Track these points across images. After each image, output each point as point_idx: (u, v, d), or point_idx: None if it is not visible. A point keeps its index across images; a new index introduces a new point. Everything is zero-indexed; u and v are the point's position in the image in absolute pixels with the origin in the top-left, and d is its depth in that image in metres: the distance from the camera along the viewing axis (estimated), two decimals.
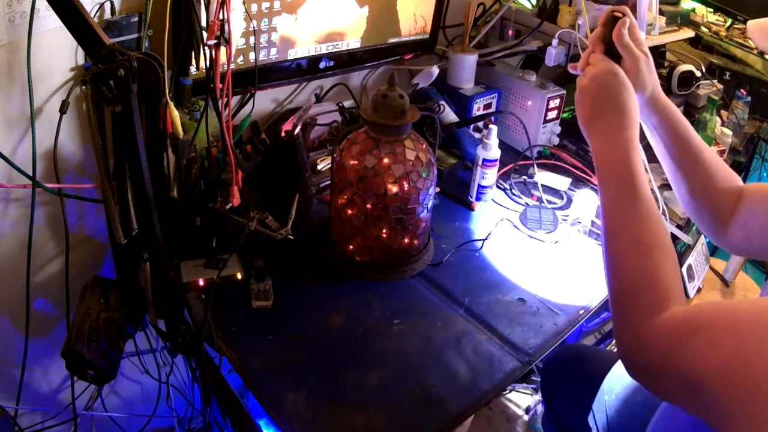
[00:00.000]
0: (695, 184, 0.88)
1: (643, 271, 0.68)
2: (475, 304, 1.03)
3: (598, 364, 1.17)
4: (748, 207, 0.85)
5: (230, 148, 0.95)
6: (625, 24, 0.81)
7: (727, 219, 0.86)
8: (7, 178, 0.97)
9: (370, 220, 1.02)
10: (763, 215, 0.83)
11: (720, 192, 0.87)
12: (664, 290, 0.66)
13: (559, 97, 1.43)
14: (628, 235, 0.71)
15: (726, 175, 0.88)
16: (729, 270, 1.69)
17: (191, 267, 1.03)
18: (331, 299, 1.02)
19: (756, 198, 0.85)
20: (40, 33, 0.89)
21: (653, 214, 0.72)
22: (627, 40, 0.82)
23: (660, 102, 0.86)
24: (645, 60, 0.83)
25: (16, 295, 1.06)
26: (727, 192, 0.87)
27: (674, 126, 0.86)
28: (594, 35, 0.85)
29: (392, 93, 0.97)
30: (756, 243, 0.84)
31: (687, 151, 0.86)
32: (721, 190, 0.87)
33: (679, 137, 0.86)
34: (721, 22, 2.01)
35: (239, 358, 0.90)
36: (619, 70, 0.80)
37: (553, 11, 1.48)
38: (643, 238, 0.70)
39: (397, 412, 0.83)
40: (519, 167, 1.42)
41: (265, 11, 1.06)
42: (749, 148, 1.89)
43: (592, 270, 1.14)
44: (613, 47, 0.83)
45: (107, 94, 0.74)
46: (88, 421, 1.33)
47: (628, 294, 0.68)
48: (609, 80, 0.79)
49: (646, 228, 0.70)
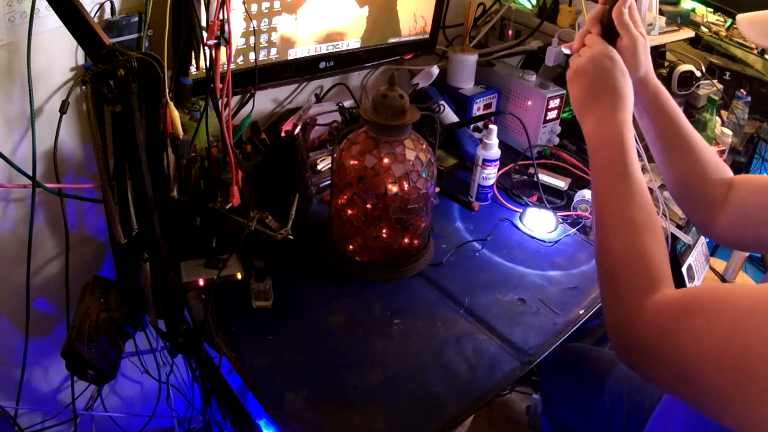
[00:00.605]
0: (684, 170, 0.88)
1: (635, 251, 0.67)
2: (475, 304, 1.03)
3: (598, 364, 1.17)
4: (740, 198, 0.85)
5: (230, 148, 0.95)
6: (626, 2, 0.81)
7: (718, 209, 0.86)
8: (7, 178, 0.97)
9: (370, 220, 1.02)
10: (755, 206, 0.83)
11: (711, 181, 0.87)
12: (656, 270, 0.66)
13: (559, 97, 1.43)
14: (620, 214, 0.71)
15: (717, 166, 0.88)
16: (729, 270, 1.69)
17: (191, 267, 1.03)
18: (331, 299, 1.02)
19: (748, 189, 0.85)
20: (40, 33, 0.89)
21: (645, 196, 0.72)
22: (626, 19, 0.82)
23: (651, 84, 0.86)
24: (642, 41, 0.83)
25: (16, 295, 1.06)
26: (717, 182, 0.87)
27: (664, 109, 0.86)
28: (593, 14, 0.84)
29: (392, 93, 0.97)
30: (748, 234, 0.84)
31: (676, 136, 0.87)
32: (712, 180, 0.87)
33: (669, 120, 0.86)
34: (721, 22, 2.01)
35: (239, 358, 0.90)
36: (615, 54, 0.80)
37: (553, 11, 1.48)
38: (635, 218, 0.70)
39: (397, 412, 0.83)
40: (519, 167, 1.42)
41: (265, 11, 1.06)
42: (749, 148, 1.89)
43: (591, 270, 1.14)
44: (610, 29, 0.83)
45: (107, 94, 0.74)
46: (88, 421, 1.33)
47: (620, 273, 0.67)
48: (605, 63, 0.79)
49: (638, 209, 0.70)
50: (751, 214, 0.83)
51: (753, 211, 0.83)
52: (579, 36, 0.85)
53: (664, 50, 1.84)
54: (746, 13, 0.82)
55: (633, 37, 0.82)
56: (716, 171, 0.87)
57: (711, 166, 0.87)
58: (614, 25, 0.82)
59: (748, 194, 0.85)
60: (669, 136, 0.87)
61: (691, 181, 0.88)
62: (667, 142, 0.88)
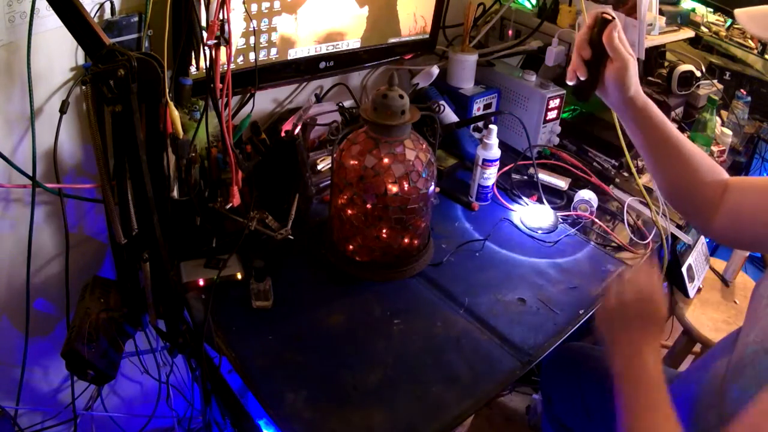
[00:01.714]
0: (675, 175, 0.92)
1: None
2: (475, 304, 1.03)
3: (599, 363, 1.17)
4: (735, 199, 0.88)
5: (230, 148, 0.95)
6: (616, 27, 0.83)
7: (714, 209, 0.90)
8: (7, 178, 0.97)
9: (370, 220, 1.02)
10: (749, 207, 0.86)
11: (705, 184, 0.90)
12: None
13: (559, 97, 1.43)
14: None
15: (711, 169, 0.91)
16: (729, 270, 1.69)
17: (191, 267, 1.03)
18: (331, 299, 1.02)
19: (742, 190, 0.88)
20: (40, 33, 0.89)
21: (672, 423, 0.71)
22: (617, 42, 0.84)
23: (639, 101, 0.89)
24: (633, 62, 0.86)
25: (16, 295, 1.06)
26: (712, 184, 0.90)
27: (652, 123, 0.89)
28: (581, 38, 0.87)
29: (392, 93, 0.97)
30: (745, 232, 0.87)
31: (666, 145, 0.90)
32: (707, 183, 0.90)
33: (658, 132, 0.89)
34: (721, 22, 2.01)
35: (239, 358, 0.90)
36: (659, 296, 0.83)
37: (553, 11, 1.48)
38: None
39: (397, 412, 0.83)
40: (519, 167, 1.42)
41: (265, 11, 1.06)
42: (749, 148, 1.89)
43: (591, 270, 1.14)
44: (599, 51, 0.86)
45: (107, 94, 0.74)
46: (88, 421, 1.33)
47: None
48: (649, 310, 0.82)
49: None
50: (746, 214, 0.86)
51: (748, 211, 0.86)
52: (573, 63, 0.88)
53: (664, 50, 1.84)
54: (744, 8, 0.83)
55: (624, 60, 0.85)
56: (710, 173, 0.91)
57: (704, 168, 0.90)
58: (603, 48, 0.85)
59: (742, 195, 0.88)
60: (659, 147, 0.90)
61: (683, 186, 0.92)
62: (658, 152, 0.91)
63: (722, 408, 0.74)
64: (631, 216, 1.29)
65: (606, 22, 0.84)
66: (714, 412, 0.77)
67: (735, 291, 1.66)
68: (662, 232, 1.24)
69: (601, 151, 1.45)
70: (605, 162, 1.43)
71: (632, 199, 1.31)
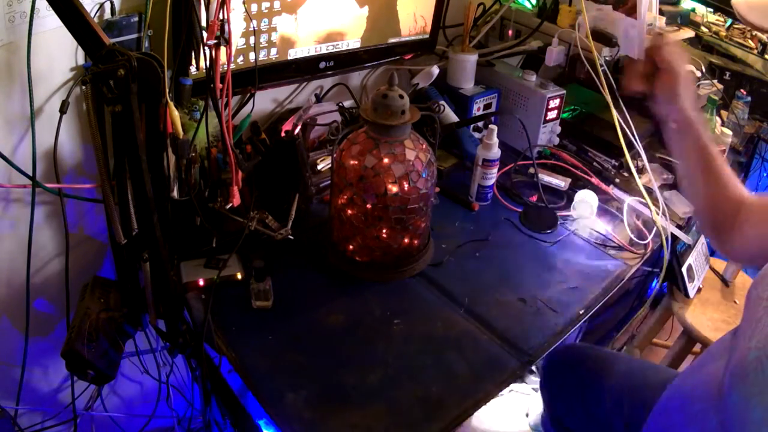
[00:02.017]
0: (709, 194, 0.91)
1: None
2: (475, 304, 1.03)
3: (598, 364, 1.17)
4: (752, 218, 0.86)
5: (230, 148, 0.95)
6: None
7: (730, 228, 0.88)
8: (7, 178, 0.97)
9: (370, 220, 1.02)
10: (762, 228, 0.84)
11: (725, 200, 0.89)
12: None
13: (559, 97, 1.43)
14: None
15: (734, 185, 0.90)
16: (729, 270, 1.69)
17: (191, 267, 1.03)
18: (331, 299, 1.02)
19: (760, 208, 0.86)
20: (40, 33, 0.89)
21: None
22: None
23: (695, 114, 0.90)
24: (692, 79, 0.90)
25: (16, 295, 1.06)
26: (731, 200, 0.89)
27: (702, 143, 0.89)
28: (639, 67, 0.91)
29: (392, 93, 0.97)
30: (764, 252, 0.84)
31: (710, 166, 0.90)
32: (727, 199, 0.89)
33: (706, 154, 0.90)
34: (721, 22, 2.01)
35: (239, 358, 0.90)
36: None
37: (553, 11, 1.48)
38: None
39: (397, 412, 0.83)
40: (519, 167, 1.42)
41: (265, 11, 1.06)
42: (749, 148, 1.89)
43: (591, 270, 1.14)
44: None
45: (107, 94, 0.74)
46: (88, 421, 1.33)
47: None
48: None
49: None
50: (760, 236, 0.84)
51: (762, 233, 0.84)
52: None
53: None
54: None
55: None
56: (733, 190, 0.90)
57: (729, 187, 0.90)
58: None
59: (756, 216, 0.86)
60: (703, 167, 0.91)
61: (710, 203, 0.92)
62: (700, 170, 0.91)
63: (723, 414, 0.73)
64: (632, 216, 1.29)
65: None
66: (712, 415, 0.77)
67: (735, 291, 1.66)
68: (662, 232, 1.24)
69: (601, 151, 1.45)
70: (605, 162, 1.43)
71: (632, 199, 1.31)
